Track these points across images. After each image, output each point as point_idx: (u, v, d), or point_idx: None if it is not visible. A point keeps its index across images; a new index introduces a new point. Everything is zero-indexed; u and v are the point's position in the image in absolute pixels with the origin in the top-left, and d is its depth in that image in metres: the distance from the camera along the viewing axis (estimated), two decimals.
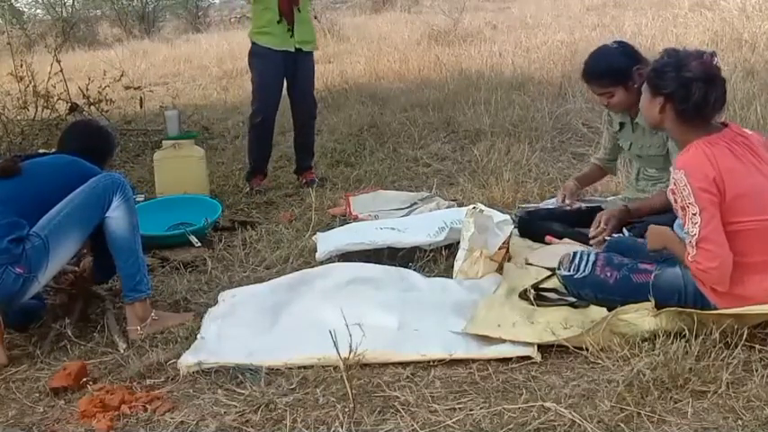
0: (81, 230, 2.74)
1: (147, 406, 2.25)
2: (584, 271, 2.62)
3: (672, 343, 2.23)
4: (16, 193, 2.69)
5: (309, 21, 4.70)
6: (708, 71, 2.36)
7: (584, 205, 3.49)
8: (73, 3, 19.98)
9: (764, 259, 2.34)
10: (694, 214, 2.29)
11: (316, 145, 5.64)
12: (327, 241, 3.41)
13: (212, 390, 2.34)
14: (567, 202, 3.38)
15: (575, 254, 2.68)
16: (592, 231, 3.06)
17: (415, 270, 3.15)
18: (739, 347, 2.23)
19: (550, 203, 3.92)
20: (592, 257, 2.63)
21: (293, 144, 4.93)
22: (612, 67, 3.09)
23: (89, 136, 3.17)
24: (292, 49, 4.53)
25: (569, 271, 2.65)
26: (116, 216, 2.77)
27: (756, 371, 2.16)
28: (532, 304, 2.69)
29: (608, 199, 3.59)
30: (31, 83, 6.37)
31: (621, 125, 3.31)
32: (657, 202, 3.03)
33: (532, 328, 2.51)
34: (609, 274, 2.57)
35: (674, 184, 2.34)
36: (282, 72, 4.59)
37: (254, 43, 4.62)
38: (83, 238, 2.77)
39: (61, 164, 2.89)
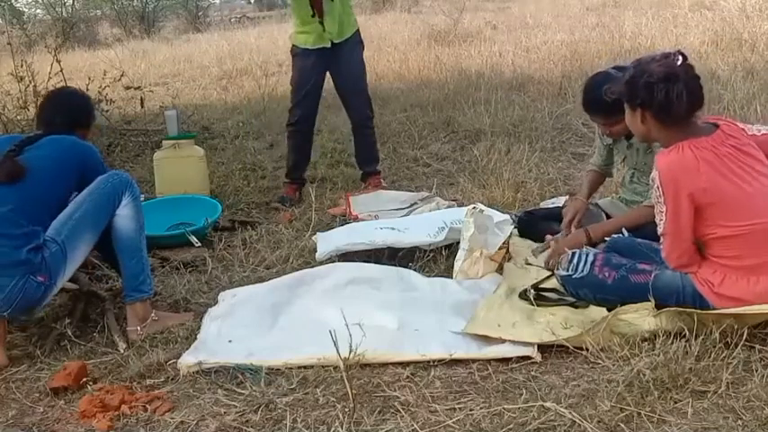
0: (94, 232, 2.75)
1: (147, 406, 2.25)
2: (582, 271, 2.62)
3: (672, 343, 2.23)
4: (26, 196, 2.66)
5: (342, 9, 4.35)
6: (667, 70, 2.35)
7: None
8: (73, 3, 19.98)
9: (756, 262, 2.34)
10: (661, 212, 2.38)
11: (316, 145, 5.63)
12: (327, 241, 3.41)
13: (212, 390, 2.34)
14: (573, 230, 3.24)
15: (573, 254, 2.68)
16: (546, 258, 3.07)
17: (415, 270, 3.15)
18: (739, 347, 2.23)
19: (550, 203, 3.93)
20: (590, 257, 2.63)
21: (354, 148, 4.79)
22: (614, 99, 2.91)
23: (72, 109, 3.05)
24: (328, 45, 4.35)
25: (568, 271, 2.65)
26: (123, 215, 2.78)
27: (756, 371, 2.16)
28: (532, 304, 2.70)
29: (605, 200, 3.58)
30: (31, 83, 6.35)
31: (615, 140, 3.31)
32: (621, 223, 3.04)
33: (532, 328, 2.51)
34: (607, 275, 2.57)
35: (652, 180, 2.40)
36: (320, 72, 4.42)
37: (293, 45, 4.48)
38: (95, 239, 2.78)
39: (60, 150, 2.82)
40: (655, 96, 2.37)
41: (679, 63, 2.36)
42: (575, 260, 2.65)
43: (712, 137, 2.38)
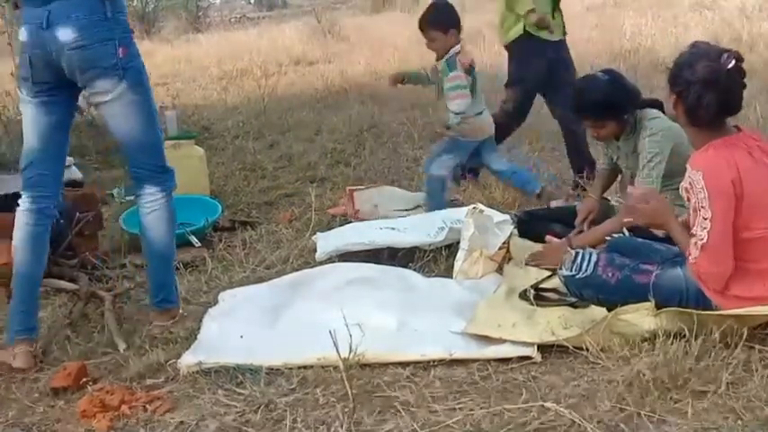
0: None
1: (147, 406, 2.25)
2: (585, 271, 2.61)
3: (672, 343, 2.23)
4: None
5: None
6: (709, 75, 2.30)
7: None
8: None
9: None
10: (705, 219, 2.28)
11: (316, 144, 5.65)
12: (327, 241, 3.41)
13: (212, 390, 2.34)
14: (585, 230, 3.25)
15: (576, 254, 2.68)
16: (528, 260, 3.11)
17: (415, 270, 3.15)
18: (739, 348, 2.23)
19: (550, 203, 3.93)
20: (594, 258, 2.63)
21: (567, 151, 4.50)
22: (605, 102, 3.04)
23: None
24: (558, 38, 4.24)
25: (571, 271, 2.65)
26: (157, 218, 2.71)
27: (756, 371, 2.16)
28: (532, 304, 2.70)
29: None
30: None
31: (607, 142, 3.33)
32: (602, 232, 3.05)
33: (532, 328, 2.51)
34: (610, 275, 2.56)
35: (690, 184, 2.31)
36: (545, 66, 4.22)
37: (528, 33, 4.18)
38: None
39: None
40: (688, 95, 2.34)
41: (730, 66, 2.30)
42: (578, 260, 2.64)
43: (739, 136, 2.37)
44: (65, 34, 2.47)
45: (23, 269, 2.62)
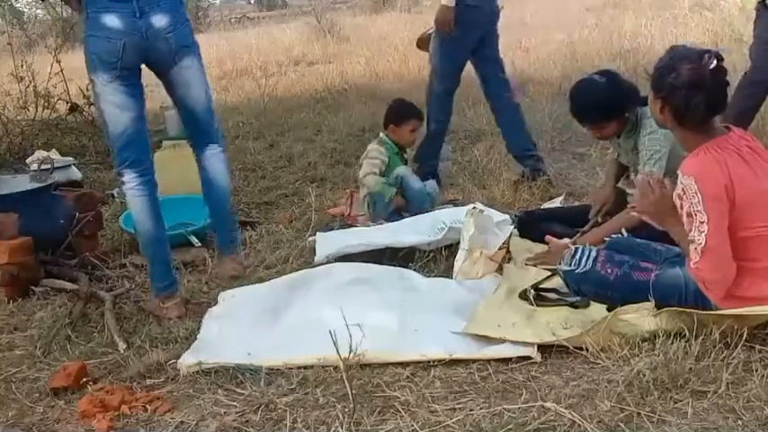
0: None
1: (147, 406, 2.25)
2: (585, 266, 2.61)
3: (672, 343, 2.23)
4: None
5: None
6: (694, 77, 2.30)
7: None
8: None
9: None
10: (702, 222, 2.27)
11: (316, 145, 5.63)
12: (325, 244, 3.41)
13: (212, 390, 2.34)
14: (600, 221, 3.27)
15: (576, 249, 2.68)
16: (530, 261, 3.12)
17: (415, 270, 3.15)
18: (739, 348, 2.23)
19: (550, 203, 3.93)
20: (593, 253, 2.63)
21: None
22: (603, 105, 3.06)
23: None
24: None
25: (570, 266, 2.65)
26: (223, 171, 3.22)
27: (756, 371, 2.16)
28: (532, 304, 2.70)
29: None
30: (31, 83, 6.37)
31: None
32: (607, 231, 3.05)
33: (532, 328, 2.51)
34: (610, 271, 2.56)
35: (683, 190, 2.31)
36: None
37: None
38: None
39: None
40: (675, 99, 2.34)
41: (712, 66, 2.29)
42: (577, 255, 2.64)
43: (729, 137, 2.37)
44: (158, 21, 2.75)
45: (151, 234, 2.96)
